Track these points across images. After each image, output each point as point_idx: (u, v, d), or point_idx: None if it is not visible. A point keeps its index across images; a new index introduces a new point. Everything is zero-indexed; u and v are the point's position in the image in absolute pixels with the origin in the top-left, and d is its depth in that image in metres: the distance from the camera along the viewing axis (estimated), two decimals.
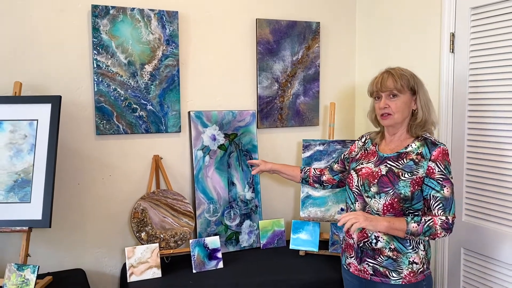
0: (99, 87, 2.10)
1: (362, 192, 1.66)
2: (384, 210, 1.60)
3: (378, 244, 1.63)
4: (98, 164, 2.16)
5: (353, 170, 1.73)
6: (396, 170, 1.60)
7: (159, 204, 2.18)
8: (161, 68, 2.21)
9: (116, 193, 2.21)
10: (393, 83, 1.60)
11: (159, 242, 2.13)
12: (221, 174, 2.36)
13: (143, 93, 2.18)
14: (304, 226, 2.28)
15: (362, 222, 1.53)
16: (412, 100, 1.62)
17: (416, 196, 1.57)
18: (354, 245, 1.70)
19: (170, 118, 2.25)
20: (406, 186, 1.56)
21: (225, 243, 2.34)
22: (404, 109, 1.62)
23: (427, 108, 1.63)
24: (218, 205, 2.34)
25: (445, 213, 1.55)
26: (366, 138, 1.83)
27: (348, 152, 1.90)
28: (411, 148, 1.62)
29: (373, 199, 1.62)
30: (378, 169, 1.64)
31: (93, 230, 2.18)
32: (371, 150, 1.74)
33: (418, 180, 1.56)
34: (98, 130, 2.12)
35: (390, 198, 1.58)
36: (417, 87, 1.61)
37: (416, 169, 1.57)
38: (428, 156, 1.57)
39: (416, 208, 1.60)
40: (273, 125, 2.53)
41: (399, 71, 1.62)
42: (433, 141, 1.60)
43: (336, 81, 2.69)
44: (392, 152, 1.66)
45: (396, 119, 1.63)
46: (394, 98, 1.61)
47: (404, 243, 1.61)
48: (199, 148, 2.31)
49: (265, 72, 2.47)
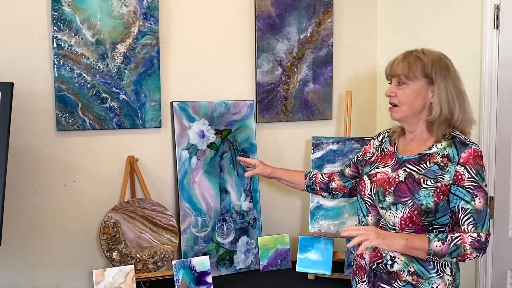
0: (60, 72, 2.09)
1: (375, 202, 1.68)
2: (401, 224, 1.60)
3: (394, 267, 1.63)
4: (59, 167, 2.15)
5: (366, 175, 1.75)
6: (417, 176, 1.61)
7: (135, 217, 2.17)
8: (137, 49, 2.20)
9: (81, 203, 2.20)
10: (401, 67, 1.62)
11: (134, 263, 2.12)
12: (211, 179, 2.34)
13: (114, 79, 2.18)
14: (314, 243, 2.27)
15: (374, 239, 1.53)
16: (428, 90, 1.62)
17: (441, 208, 1.58)
18: (366, 267, 1.71)
19: (148, 110, 2.24)
20: (429, 196, 1.57)
21: (216, 265, 2.33)
22: (414, 100, 1.62)
23: (452, 103, 1.61)
24: (207, 218, 2.33)
25: (476, 229, 1.54)
26: (384, 136, 1.84)
27: (362, 153, 1.91)
28: (436, 149, 1.62)
29: (388, 211, 1.63)
30: (396, 174, 1.65)
31: (53, 248, 2.16)
32: (388, 151, 1.76)
33: (443, 189, 1.57)
34: (59, 125, 2.11)
35: (409, 210, 1.59)
36: (436, 75, 1.60)
37: (441, 175, 1.58)
38: (456, 159, 1.57)
39: (442, 223, 1.60)
40: (276, 119, 2.52)
41: (418, 53, 1.63)
42: (463, 140, 1.60)
43: (354, 64, 2.69)
44: (412, 154, 1.67)
45: (404, 111, 1.64)
46: (402, 85, 1.63)
47: (426, 265, 1.60)
48: (184, 147, 2.30)
49: (266, 54, 2.45)
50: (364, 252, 1.69)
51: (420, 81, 1.61)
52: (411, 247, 1.54)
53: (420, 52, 1.64)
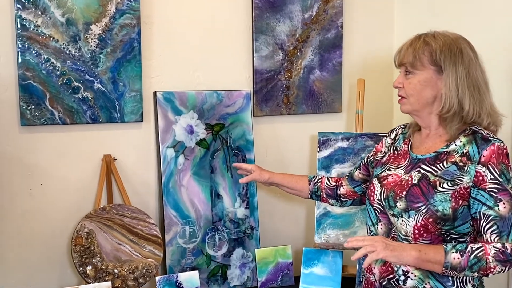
0: (25, 57, 2.09)
1: (385, 208, 1.69)
2: (415, 234, 1.61)
3: (407, 283, 1.63)
4: (23, 169, 2.15)
5: (376, 177, 1.77)
6: (432, 178, 1.61)
7: (112, 226, 2.18)
8: (115, 30, 2.21)
9: (50, 210, 2.20)
10: (407, 55, 1.64)
11: (112, 279, 2.12)
12: (201, 182, 2.35)
13: (88, 65, 2.18)
14: (320, 256, 2.26)
15: (381, 251, 1.53)
16: (437, 79, 1.63)
17: (461, 214, 1.58)
18: (376, 283, 1.71)
19: (128, 101, 2.25)
20: (445, 201, 1.57)
21: (207, 281, 2.33)
22: (422, 91, 1.64)
23: (462, 94, 1.59)
24: (197, 227, 2.33)
25: (501, 238, 1.53)
26: (398, 133, 1.85)
27: (374, 153, 1.92)
28: (455, 146, 1.63)
29: (400, 218, 1.64)
30: (409, 176, 1.66)
31: (18, 262, 2.16)
32: (402, 150, 1.77)
33: (462, 192, 1.57)
34: (24, 119, 2.11)
35: (423, 217, 1.59)
36: (445, 62, 1.60)
37: (460, 176, 1.58)
38: (477, 158, 1.57)
39: (461, 232, 1.60)
40: (276, 112, 2.53)
41: (427, 38, 1.64)
42: (485, 136, 1.60)
43: (367, 48, 2.69)
44: (428, 153, 1.67)
45: (412, 104, 1.66)
46: (409, 75, 1.66)
47: (444, 281, 1.60)
48: (169, 145, 2.31)
49: (265, 36, 2.46)
50: (373, 266, 1.70)
51: (428, 69, 1.62)
52: (425, 259, 1.53)
53: (430, 36, 1.63)
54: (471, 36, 1.68)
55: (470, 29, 1.71)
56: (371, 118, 2.69)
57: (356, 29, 2.67)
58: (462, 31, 1.68)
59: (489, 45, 1.70)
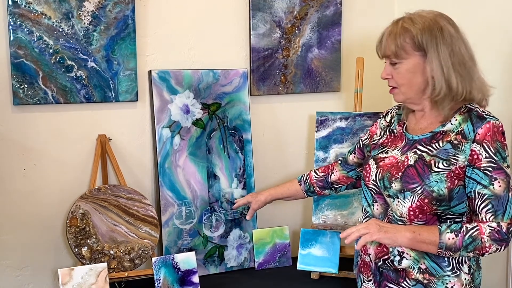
0: (17, 35, 2.09)
1: (381, 189, 1.70)
2: (410, 215, 1.62)
3: (402, 263, 1.65)
4: (16, 149, 2.16)
5: (373, 158, 1.78)
6: (428, 158, 1.62)
7: (108, 207, 2.18)
8: (108, 7, 2.20)
9: (44, 191, 2.21)
10: (388, 46, 1.65)
11: (108, 261, 2.14)
12: (197, 162, 2.36)
13: (81, 43, 2.18)
14: (318, 237, 2.29)
15: (375, 233, 1.55)
16: (425, 64, 1.62)
17: (457, 194, 1.59)
18: (371, 263, 1.74)
19: (122, 80, 2.25)
20: (441, 181, 1.58)
21: (204, 262, 2.36)
22: (412, 79, 1.64)
23: (448, 74, 1.58)
24: (193, 208, 2.35)
25: (496, 217, 1.55)
26: (392, 115, 1.86)
27: (369, 136, 1.93)
28: (451, 125, 1.64)
29: (395, 199, 1.65)
30: (405, 157, 1.67)
31: (12, 244, 2.18)
32: (398, 131, 1.78)
33: (458, 172, 1.58)
34: (17, 99, 2.11)
35: (418, 198, 1.60)
36: (427, 45, 1.59)
37: (455, 155, 1.59)
38: (472, 136, 1.58)
39: (457, 212, 1.61)
40: (274, 91, 2.53)
41: (405, 23, 1.62)
42: (480, 114, 1.61)
43: (367, 26, 2.68)
44: (424, 133, 1.68)
45: (405, 93, 1.67)
46: (396, 65, 1.66)
47: (440, 262, 1.62)
48: (165, 125, 2.31)
49: (262, 13, 2.46)
50: (368, 247, 1.72)
51: (414, 56, 1.61)
52: (419, 240, 1.55)
53: (408, 20, 1.62)
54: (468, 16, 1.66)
55: (474, 8, 1.69)
56: (370, 97, 2.68)
57: (356, 6, 2.67)
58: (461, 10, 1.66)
59: (492, 23, 1.69)
